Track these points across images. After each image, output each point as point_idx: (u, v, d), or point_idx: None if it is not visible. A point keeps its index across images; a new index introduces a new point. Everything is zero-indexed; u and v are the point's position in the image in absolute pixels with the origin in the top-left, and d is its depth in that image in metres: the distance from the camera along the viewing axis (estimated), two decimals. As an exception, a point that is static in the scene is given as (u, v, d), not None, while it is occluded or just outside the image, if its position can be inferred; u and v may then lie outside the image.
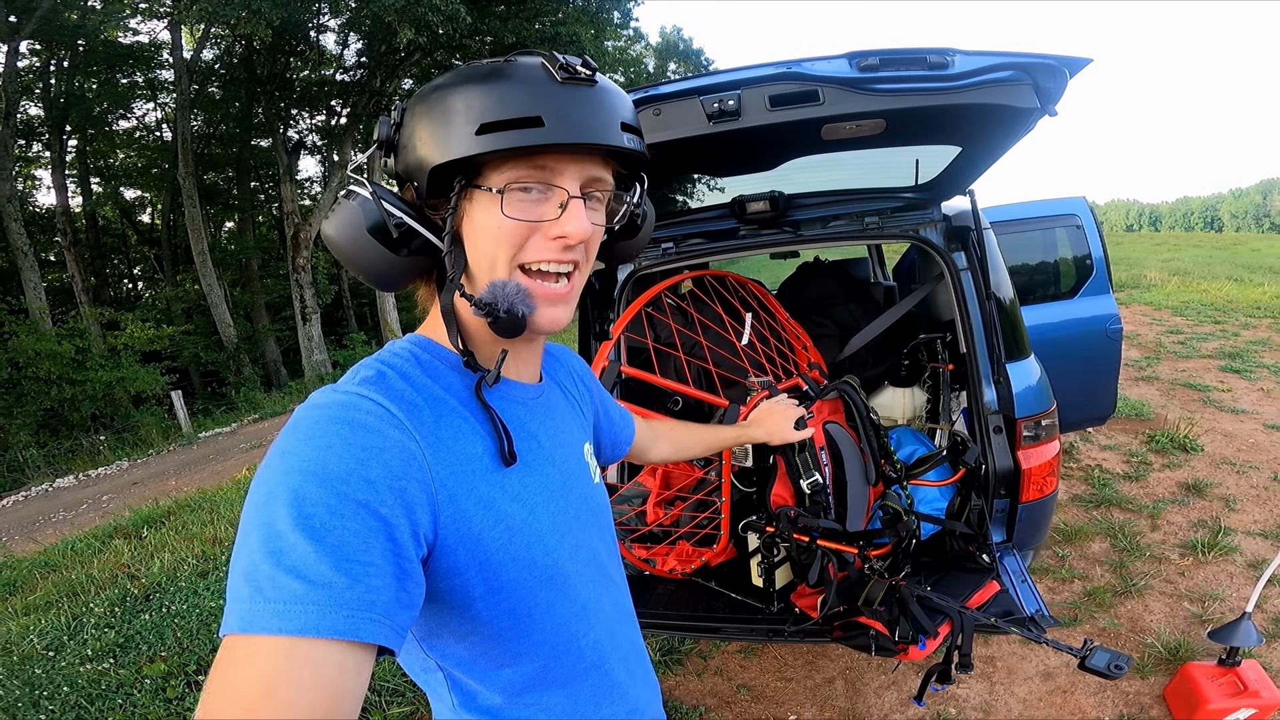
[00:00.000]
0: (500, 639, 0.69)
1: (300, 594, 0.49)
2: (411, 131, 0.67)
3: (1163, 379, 6.44)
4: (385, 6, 12.32)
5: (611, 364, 1.87)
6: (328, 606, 0.50)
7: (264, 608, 0.49)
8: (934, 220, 2.35)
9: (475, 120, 0.63)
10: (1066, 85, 1.47)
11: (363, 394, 0.61)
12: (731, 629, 1.98)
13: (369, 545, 0.53)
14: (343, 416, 0.58)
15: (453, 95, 0.65)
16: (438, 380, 0.68)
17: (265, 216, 22.51)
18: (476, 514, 0.64)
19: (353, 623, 0.50)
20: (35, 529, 6.78)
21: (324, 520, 0.52)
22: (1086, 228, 4.06)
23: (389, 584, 0.53)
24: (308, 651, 0.48)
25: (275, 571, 0.50)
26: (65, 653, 3.41)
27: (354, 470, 0.55)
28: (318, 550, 0.51)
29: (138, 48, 16.10)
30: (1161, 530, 3.48)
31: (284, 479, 0.54)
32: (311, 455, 0.55)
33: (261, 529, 0.52)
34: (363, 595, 0.51)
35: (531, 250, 0.68)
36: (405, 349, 0.71)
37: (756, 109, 1.52)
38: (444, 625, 0.67)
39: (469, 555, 0.64)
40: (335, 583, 0.50)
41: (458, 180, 0.67)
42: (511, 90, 0.63)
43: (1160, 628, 2.68)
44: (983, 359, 2.23)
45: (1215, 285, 13.92)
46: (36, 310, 13.26)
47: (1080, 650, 1.44)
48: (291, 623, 0.49)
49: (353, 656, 0.51)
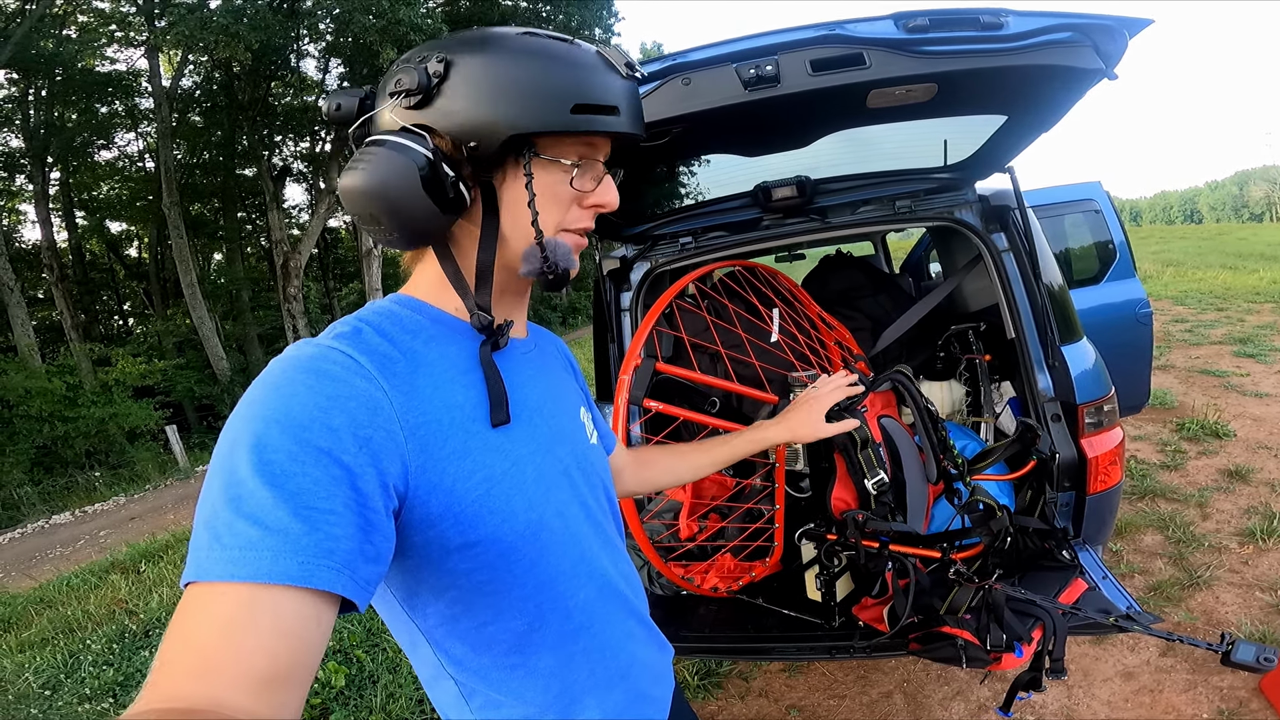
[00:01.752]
0: (480, 592, 0.68)
1: (255, 540, 0.49)
2: (473, 88, 0.66)
3: (1178, 367, 6.38)
4: (365, 28, 12.31)
5: (645, 362, 1.72)
6: (282, 553, 0.49)
7: (220, 554, 0.49)
8: (969, 201, 2.23)
9: (569, 98, 0.66)
10: (1127, 46, 1.37)
11: (333, 346, 0.61)
12: (787, 648, 1.82)
13: (330, 493, 0.52)
14: (310, 367, 0.58)
15: (534, 64, 0.66)
16: (417, 335, 0.68)
17: (254, 247, 22.36)
18: (451, 464, 0.63)
19: (307, 569, 0.49)
20: (31, 565, 6.65)
21: (284, 466, 0.52)
22: (1105, 212, 3.97)
23: (351, 534, 0.53)
24: (267, 597, 0.48)
25: (233, 518, 0.50)
26: (62, 691, 3.29)
27: (316, 418, 0.54)
28: (275, 496, 0.50)
29: (116, 76, 16.01)
30: (1213, 519, 3.36)
31: (247, 425, 0.54)
32: (276, 403, 0.55)
33: (223, 475, 0.52)
34: (320, 543, 0.50)
35: (574, 217, 0.75)
36: (385, 307, 0.70)
37: (797, 74, 1.39)
38: (421, 581, 0.66)
39: (443, 506, 0.63)
40: (291, 529, 0.50)
41: (526, 149, 0.69)
42: (599, 77, 0.68)
43: (1239, 619, 2.55)
44: (1033, 344, 2.10)
45: (1211, 274, 14.01)
46: (25, 347, 13.09)
47: (1221, 645, 1.30)
48: (245, 569, 0.48)
49: (311, 606, 0.50)
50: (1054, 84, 1.50)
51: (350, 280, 25.77)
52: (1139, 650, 2.43)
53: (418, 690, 2.74)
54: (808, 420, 1.27)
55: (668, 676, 0.93)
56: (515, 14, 17.05)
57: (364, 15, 12.28)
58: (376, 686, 2.80)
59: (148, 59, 15.43)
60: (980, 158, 2.13)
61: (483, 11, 16.76)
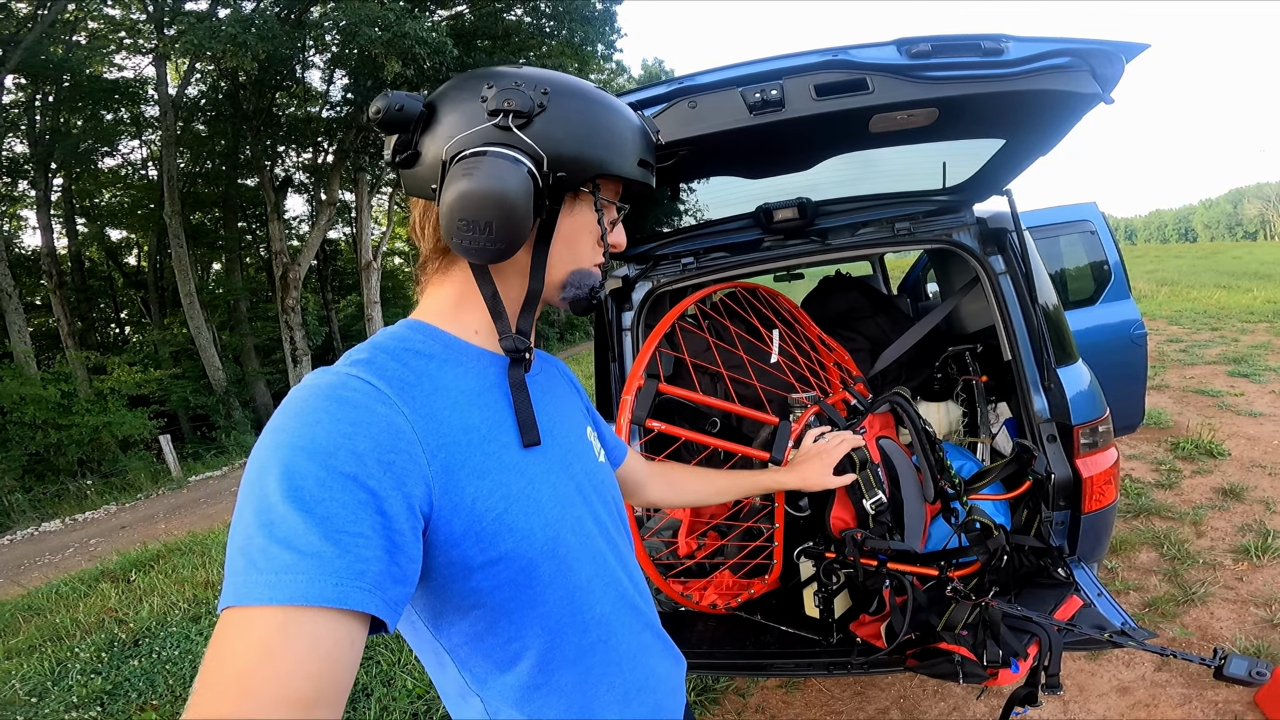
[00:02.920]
0: (503, 610, 0.69)
1: (291, 564, 0.51)
2: (572, 124, 0.72)
3: (1173, 386, 6.42)
4: (371, 39, 12.37)
5: (648, 382, 1.74)
6: (317, 575, 0.51)
7: (257, 579, 0.50)
8: (967, 224, 2.26)
9: (638, 152, 0.77)
10: (1123, 71, 1.41)
11: (351, 373, 0.63)
12: (785, 664, 1.83)
13: (358, 517, 0.54)
14: (330, 394, 0.60)
15: (618, 117, 0.76)
16: (432, 359, 0.70)
17: (253, 257, 22.31)
18: (471, 484, 0.65)
19: (342, 590, 0.51)
20: (20, 573, 6.60)
21: (313, 492, 0.53)
22: (1100, 233, 4.02)
23: (379, 555, 0.55)
24: (301, 621, 0.50)
25: (267, 543, 0.52)
26: (49, 699, 3.27)
27: (341, 444, 0.56)
28: (307, 521, 0.52)
29: (123, 83, 16.00)
30: (1208, 536, 3.39)
31: (274, 454, 0.56)
32: (301, 431, 0.57)
33: (255, 503, 0.54)
34: (352, 564, 0.53)
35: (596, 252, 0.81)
36: (400, 332, 0.73)
37: (801, 99, 1.43)
38: (447, 602, 0.68)
39: (465, 526, 0.64)
40: (324, 552, 0.52)
41: (595, 187, 0.77)
42: (647, 139, 0.80)
43: (1234, 634, 2.58)
44: (1029, 366, 2.12)
45: (1205, 293, 14.08)
46: (21, 354, 12.98)
47: (1213, 660, 1.32)
48: (282, 592, 0.50)
49: (345, 626, 0.52)
50: (1052, 108, 1.54)
51: (349, 293, 25.74)
52: (1134, 665, 2.45)
53: (411, 705, 2.73)
54: (820, 471, 1.41)
55: (681, 688, 0.95)
56: (519, 30, 17.15)
57: (370, 28, 12.33)
58: (370, 700, 2.79)
59: (155, 66, 15.41)
60: (979, 180, 2.16)
61: (487, 28, 16.87)
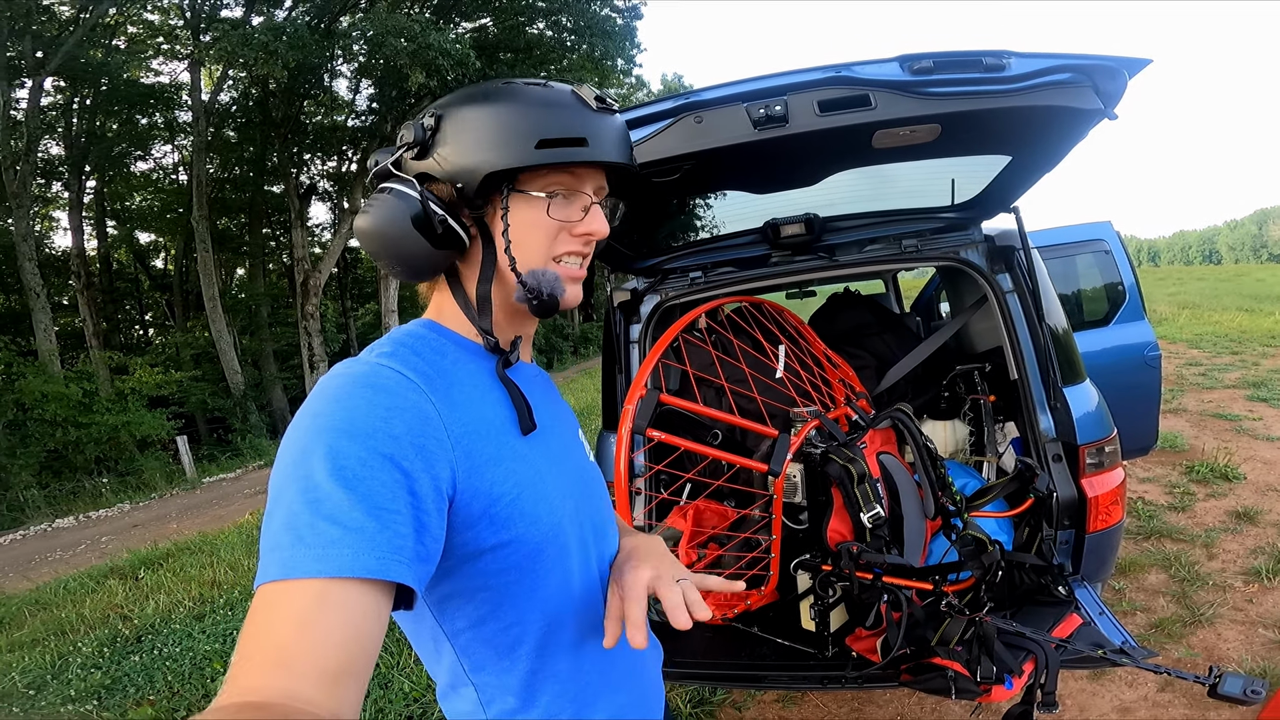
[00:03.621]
0: (507, 593, 0.73)
1: (337, 538, 0.54)
2: (457, 137, 0.74)
3: (1190, 410, 6.32)
4: (397, 50, 12.59)
5: (650, 393, 1.75)
6: (363, 549, 0.54)
7: (304, 553, 0.53)
8: (975, 241, 2.25)
9: (534, 135, 0.72)
10: (1126, 86, 1.41)
11: (382, 363, 0.67)
12: (780, 677, 1.82)
13: (395, 495, 0.58)
14: (366, 381, 0.64)
15: (506, 109, 0.73)
16: (445, 356, 0.74)
17: (276, 264, 22.67)
18: (489, 470, 0.69)
19: (384, 563, 0.55)
20: (30, 568, 6.67)
21: (356, 471, 0.57)
22: (1115, 253, 3.98)
23: (410, 533, 0.58)
24: (339, 592, 0.52)
25: (314, 519, 0.54)
26: (47, 692, 3.30)
27: (379, 427, 0.60)
28: (351, 498, 0.55)
29: (158, 88, 16.43)
30: (1219, 559, 3.35)
31: (318, 436, 0.59)
32: (341, 415, 0.61)
33: (299, 481, 0.57)
34: (391, 540, 0.56)
35: (561, 244, 0.78)
36: (414, 330, 0.77)
37: (805, 114, 1.45)
38: (456, 583, 0.71)
39: (482, 509, 0.68)
40: (367, 527, 0.55)
41: (505, 184, 0.75)
42: (563, 113, 0.74)
43: (1240, 655, 2.54)
44: (1036, 385, 2.11)
45: (1226, 316, 13.87)
46: (45, 352, 13.24)
47: (1208, 678, 1.30)
48: (331, 564, 0.53)
49: (375, 599, 0.54)
50: (1055, 124, 1.54)
51: (367, 301, 26.04)
52: (1137, 686, 2.42)
53: (407, 708, 2.74)
54: None
55: (659, 678, 0.98)
56: (540, 43, 17.40)
57: (396, 39, 12.60)
58: (366, 701, 2.80)
59: (190, 73, 15.84)
60: (986, 197, 2.16)
61: (510, 40, 17.13)
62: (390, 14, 13.32)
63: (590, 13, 16.83)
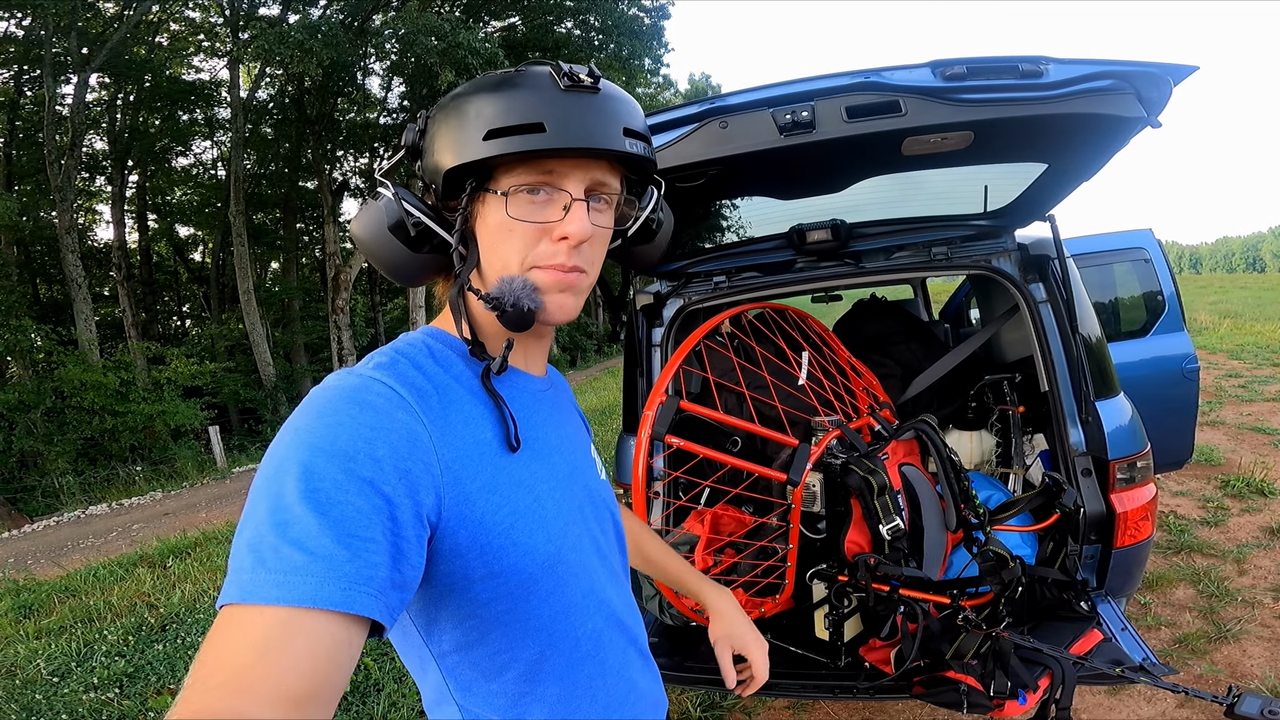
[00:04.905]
0: (498, 622, 0.69)
1: (301, 565, 0.50)
2: (432, 137, 0.72)
3: (1228, 423, 6.16)
4: (427, 49, 12.72)
5: (670, 399, 1.74)
6: (326, 578, 0.50)
7: (265, 578, 0.50)
8: (1008, 250, 2.20)
9: (484, 126, 0.66)
10: (1171, 94, 1.36)
11: (375, 377, 0.63)
12: (792, 685, 1.80)
13: (371, 522, 0.54)
14: (354, 398, 0.60)
15: (467, 103, 0.68)
16: (449, 369, 0.71)
17: (308, 258, 23.06)
18: (481, 498, 0.65)
19: (349, 595, 0.51)
20: (62, 554, 6.78)
21: (330, 494, 0.53)
22: (1155, 262, 3.87)
23: (385, 561, 0.54)
24: (303, 621, 0.49)
25: (279, 543, 0.51)
26: (70, 679, 3.35)
27: (361, 449, 0.56)
28: (321, 523, 0.52)
29: (199, 85, 16.91)
30: (1250, 575, 3.26)
31: (294, 453, 0.55)
32: (323, 432, 0.57)
33: (270, 500, 0.54)
34: (361, 570, 0.52)
35: (542, 252, 0.70)
36: (419, 339, 0.73)
37: (832, 121, 1.42)
38: (442, 609, 0.68)
39: (471, 538, 0.64)
40: (336, 555, 0.51)
41: (469, 182, 0.70)
42: (517, 97, 0.66)
43: (1264, 672, 2.48)
44: (1067, 397, 2.06)
45: (1270, 327, 13.46)
46: (85, 342, 13.58)
47: (1226, 698, 1.26)
48: (290, 593, 0.49)
49: (345, 630, 0.51)
50: (1095, 132, 1.50)
51: (395, 296, 26.38)
52: (1155, 702, 2.37)
53: (419, 701, 2.75)
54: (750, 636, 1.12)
55: (662, 701, 0.95)
56: (568, 42, 17.46)
57: (427, 37, 12.75)
58: (380, 695, 2.83)
59: (229, 70, 16.20)
60: (1020, 205, 2.11)
61: (538, 39, 17.22)
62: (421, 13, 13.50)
63: (618, 12, 16.86)
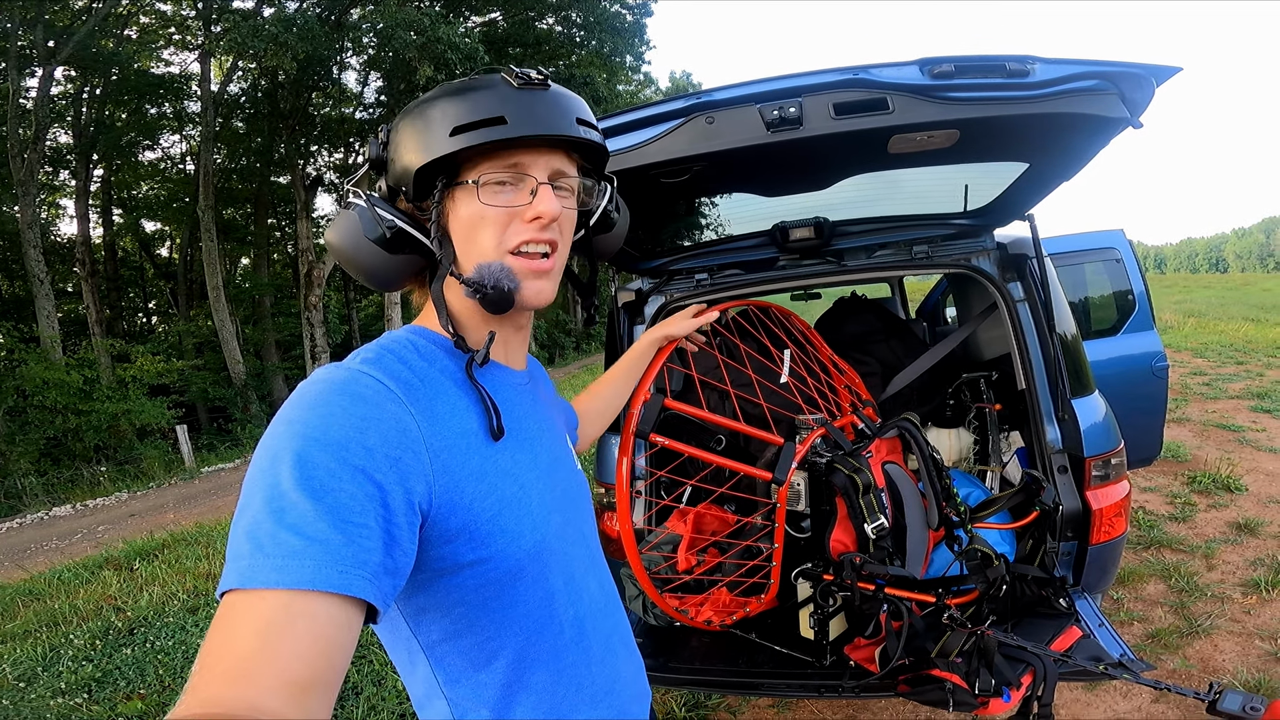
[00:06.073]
0: (485, 609, 0.71)
1: (299, 549, 0.52)
2: (397, 144, 0.76)
3: (1194, 420, 6.31)
4: (406, 44, 12.56)
5: (654, 397, 1.73)
6: (324, 562, 0.52)
7: (264, 563, 0.51)
8: (987, 249, 2.22)
9: (449, 124, 0.71)
10: (1154, 95, 1.37)
11: (363, 371, 0.65)
12: (777, 684, 1.80)
13: (364, 508, 0.56)
14: (345, 390, 0.62)
15: (430, 107, 0.73)
16: (433, 363, 0.73)
17: (280, 254, 22.67)
18: (469, 485, 0.68)
19: (346, 578, 0.53)
20: (25, 556, 6.61)
21: (324, 481, 0.55)
22: (1126, 262, 3.94)
23: (378, 547, 0.56)
24: (304, 604, 0.51)
25: (276, 529, 0.53)
26: (37, 685, 3.27)
27: (354, 438, 0.59)
28: (317, 509, 0.54)
29: (168, 78, 16.47)
30: (1219, 570, 3.34)
31: (289, 443, 0.57)
32: (316, 423, 0.59)
33: (266, 489, 0.55)
34: (356, 554, 0.54)
35: (513, 233, 0.75)
36: (404, 336, 0.76)
37: (819, 117, 1.42)
38: (431, 597, 0.70)
39: (460, 524, 0.67)
40: (331, 540, 0.53)
41: (440, 179, 0.75)
42: (478, 97, 0.72)
43: (1236, 667, 2.54)
44: (1044, 395, 2.08)
45: (1232, 326, 13.84)
46: (48, 339, 13.23)
47: (1208, 694, 1.27)
48: (289, 576, 0.51)
49: (344, 612, 0.53)
50: (1078, 132, 1.51)
51: (370, 293, 26.03)
52: (1131, 697, 2.41)
53: (400, 705, 2.73)
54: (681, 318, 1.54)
55: (646, 693, 0.96)
56: (550, 38, 17.39)
57: (406, 32, 12.58)
58: (359, 698, 2.79)
59: (200, 63, 15.84)
60: (1000, 205, 2.13)
61: (519, 34, 17.12)
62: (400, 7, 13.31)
63: (600, 9, 16.81)
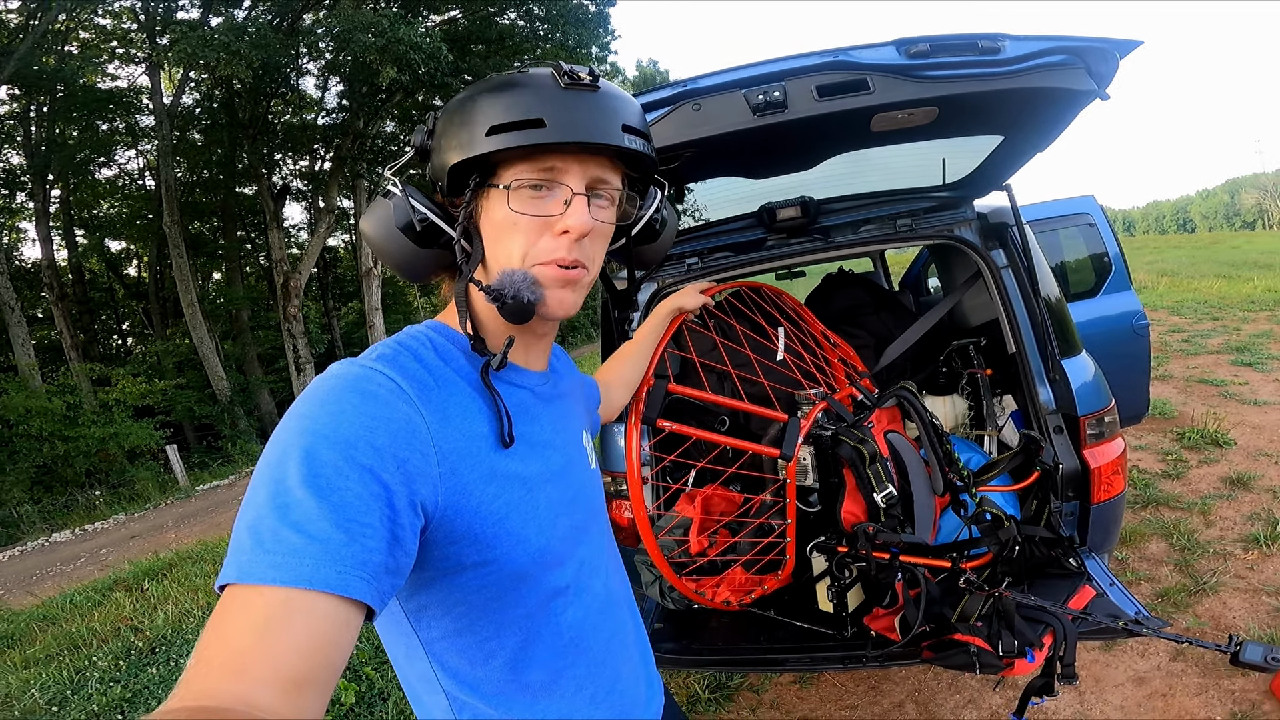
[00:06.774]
0: (486, 609, 0.71)
1: (299, 547, 0.52)
2: (439, 136, 0.74)
3: (1176, 377, 6.43)
4: (365, 46, 12.38)
5: (658, 382, 1.76)
6: (323, 561, 0.52)
7: (263, 559, 0.51)
8: (968, 219, 2.27)
9: (487, 123, 0.69)
10: (1118, 67, 1.43)
11: (377, 369, 0.65)
12: (801, 659, 1.85)
13: (369, 508, 0.56)
14: (357, 387, 0.62)
15: (471, 102, 0.71)
16: (450, 363, 0.72)
17: (253, 266, 22.33)
18: (477, 488, 0.67)
19: (345, 578, 0.52)
20: (32, 582, 6.60)
21: (331, 479, 0.55)
22: (1100, 226, 4.03)
23: (381, 547, 0.56)
24: (303, 602, 0.50)
25: (278, 525, 0.52)
26: (69, 708, 3.28)
27: (363, 437, 0.58)
28: (321, 507, 0.53)
29: (117, 93, 16.03)
30: (1217, 526, 3.41)
31: (298, 439, 0.57)
32: (325, 420, 0.59)
33: (272, 484, 0.55)
34: (357, 554, 0.54)
35: (541, 249, 0.72)
36: (422, 333, 0.75)
37: (803, 100, 1.45)
38: (432, 595, 0.70)
39: (466, 527, 0.66)
40: (333, 539, 0.53)
41: (473, 178, 0.73)
42: (519, 95, 0.69)
43: (1247, 623, 2.60)
44: (1034, 358, 2.14)
45: (1205, 283, 14.07)
46: (25, 367, 13.04)
47: (1229, 646, 1.33)
48: (287, 573, 0.51)
49: (343, 611, 0.52)
50: (1049, 105, 1.55)
51: (350, 300, 25.72)
52: (1150, 656, 2.47)
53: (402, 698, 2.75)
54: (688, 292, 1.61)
55: (658, 687, 0.97)
56: (513, 33, 17.18)
57: (364, 34, 12.36)
58: (387, 704, 2.81)
59: (149, 76, 15.47)
60: (978, 176, 2.17)
61: (480, 31, 16.90)
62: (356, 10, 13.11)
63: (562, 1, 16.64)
